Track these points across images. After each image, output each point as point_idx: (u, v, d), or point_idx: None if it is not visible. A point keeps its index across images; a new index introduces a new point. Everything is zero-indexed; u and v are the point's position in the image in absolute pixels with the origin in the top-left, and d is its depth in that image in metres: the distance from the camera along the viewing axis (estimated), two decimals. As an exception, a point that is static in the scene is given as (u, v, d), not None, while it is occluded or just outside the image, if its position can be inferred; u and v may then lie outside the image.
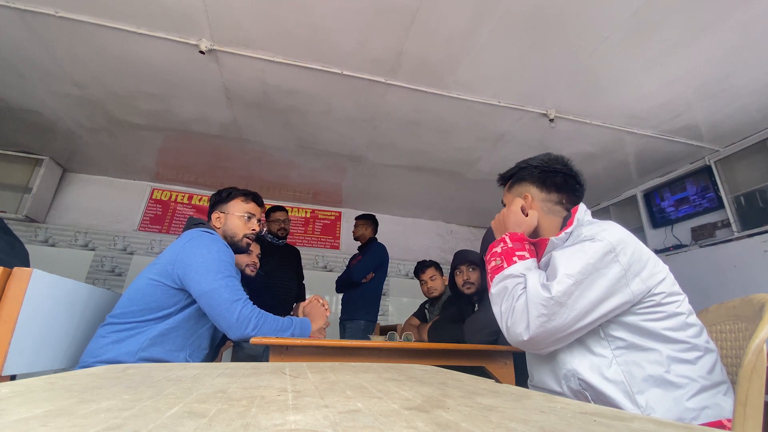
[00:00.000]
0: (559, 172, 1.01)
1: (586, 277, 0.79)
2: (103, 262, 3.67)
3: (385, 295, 4.29)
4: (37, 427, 0.26)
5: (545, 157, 1.05)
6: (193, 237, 1.28)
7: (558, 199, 1.00)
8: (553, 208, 1.00)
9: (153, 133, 3.01)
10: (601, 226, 0.86)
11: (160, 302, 1.20)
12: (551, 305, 0.78)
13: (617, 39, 1.93)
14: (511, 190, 1.09)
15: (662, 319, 0.79)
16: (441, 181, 3.69)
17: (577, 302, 0.78)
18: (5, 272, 0.94)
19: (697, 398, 0.74)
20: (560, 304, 0.78)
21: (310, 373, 0.60)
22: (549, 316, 0.79)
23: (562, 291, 0.78)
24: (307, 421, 0.30)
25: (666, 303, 0.81)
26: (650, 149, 2.95)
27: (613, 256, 0.80)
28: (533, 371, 0.98)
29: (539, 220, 1.00)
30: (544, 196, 1.01)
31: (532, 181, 1.03)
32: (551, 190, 1.01)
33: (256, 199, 1.52)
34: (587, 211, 0.97)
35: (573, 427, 0.29)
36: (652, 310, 0.80)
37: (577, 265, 0.80)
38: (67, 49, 2.13)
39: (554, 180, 1.01)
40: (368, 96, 2.44)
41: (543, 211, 1.01)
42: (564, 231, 0.91)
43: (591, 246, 0.81)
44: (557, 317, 0.78)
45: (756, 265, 2.55)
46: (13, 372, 0.92)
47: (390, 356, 1.27)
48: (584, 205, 0.98)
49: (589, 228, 0.87)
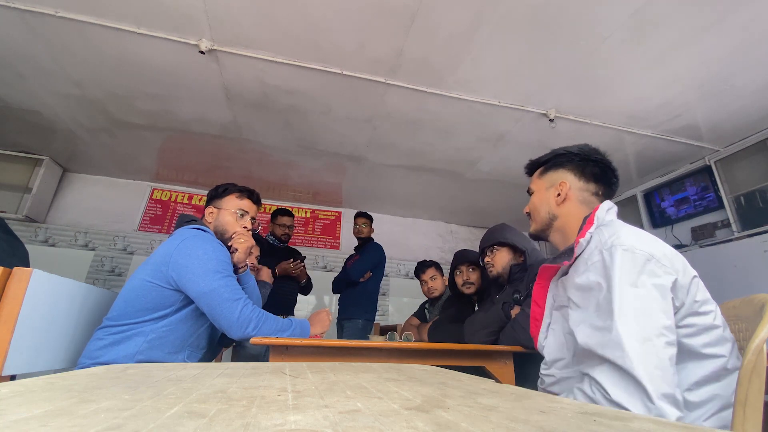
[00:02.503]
0: (599, 162, 0.97)
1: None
2: (103, 262, 3.67)
3: (385, 295, 4.29)
4: (37, 427, 0.26)
5: (584, 146, 1.00)
6: (186, 237, 1.25)
7: (595, 189, 0.96)
8: (588, 198, 0.96)
9: (153, 133, 3.01)
10: (617, 235, 0.79)
11: (156, 303, 1.19)
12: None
13: (617, 39, 1.93)
14: (544, 176, 1.03)
15: (697, 335, 0.72)
16: (441, 181, 3.69)
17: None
18: (5, 272, 0.94)
19: (714, 418, 0.70)
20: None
21: (310, 373, 0.60)
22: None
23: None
24: (307, 421, 0.30)
25: (702, 313, 0.74)
26: (650, 149, 2.95)
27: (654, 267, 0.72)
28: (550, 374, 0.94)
29: (569, 208, 0.95)
30: (582, 185, 0.96)
31: (571, 168, 0.98)
32: (589, 180, 0.96)
33: (251, 197, 1.50)
34: (610, 209, 0.91)
35: (573, 427, 0.29)
36: (688, 322, 0.73)
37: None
38: (67, 49, 2.13)
39: (593, 170, 0.96)
40: (368, 96, 2.44)
41: (578, 201, 0.96)
42: (580, 238, 0.85)
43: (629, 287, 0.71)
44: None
45: (756, 265, 2.55)
46: (13, 372, 0.92)
47: (390, 356, 1.27)
48: (610, 202, 0.93)
49: (607, 235, 0.80)
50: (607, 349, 0.68)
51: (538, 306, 1.00)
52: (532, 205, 1.05)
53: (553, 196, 0.98)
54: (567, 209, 0.96)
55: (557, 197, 0.97)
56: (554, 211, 0.98)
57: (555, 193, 0.98)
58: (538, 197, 1.03)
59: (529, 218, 1.07)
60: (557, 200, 0.97)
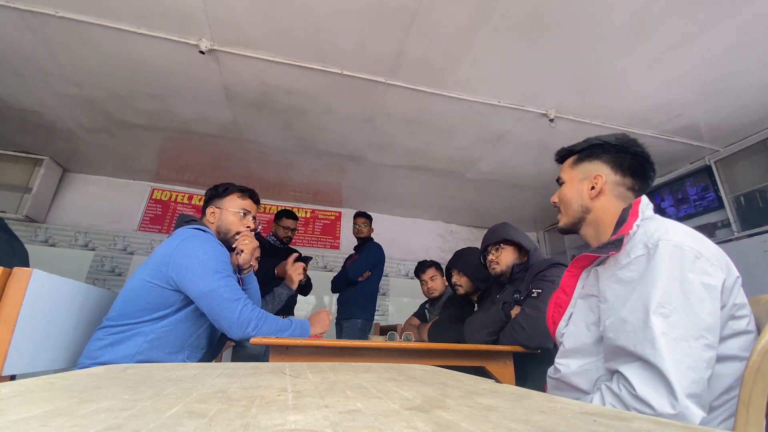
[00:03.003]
0: (638, 155, 0.90)
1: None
2: (103, 262, 3.67)
3: (385, 295, 4.29)
4: (37, 427, 0.26)
5: (622, 136, 0.94)
6: (186, 237, 1.25)
7: (632, 184, 0.90)
8: (624, 193, 0.90)
9: (153, 133, 3.01)
10: (665, 228, 0.75)
11: (155, 303, 1.18)
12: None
13: (617, 39, 1.93)
14: (577, 167, 0.97)
15: (730, 338, 0.70)
16: (441, 181, 3.69)
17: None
18: (5, 272, 0.94)
19: (730, 422, 0.68)
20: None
21: (310, 373, 0.60)
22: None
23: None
24: (307, 421, 0.30)
25: (739, 317, 0.71)
26: (650, 149, 2.90)
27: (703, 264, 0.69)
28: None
29: (604, 203, 0.90)
30: (618, 179, 0.90)
31: (607, 160, 0.92)
32: (626, 174, 0.90)
33: (252, 196, 1.50)
34: (649, 204, 0.86)
35: (573, 427, 0.29)
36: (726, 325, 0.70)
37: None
38: (67, 49, 2.13)
39: (631, 163, 0.90)
40: (368, 96, 2.44)
41: (613, 195, 0.90)
42: (620, 235, 0.81)
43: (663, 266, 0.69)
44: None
45: (756, 265, 2.55)
46: (13, 372, 0.92)
47: (390, 356, 1.27)
48: (647, 198, 0.87)
49: (651, 230, 0.77)
50: (639, 345, 0.66)
51: (565, 294, 0.95)
52: (562, 196, 0.98)
53: (587, 189, 0.93)
54: (601, 203, 0.91)
55: (591, 190, 0.92)
56: (588, 205, 0.92)
57: (589, 186, 0.92)
58: (569, 188, 0.97)
59: (557, 209, 1.01)
60: (591, 194, 0.92)
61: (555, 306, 0.98)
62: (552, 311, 0.98)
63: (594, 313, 0.83)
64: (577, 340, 0.86)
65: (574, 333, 0.88)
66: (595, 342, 0.82)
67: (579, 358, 0.85)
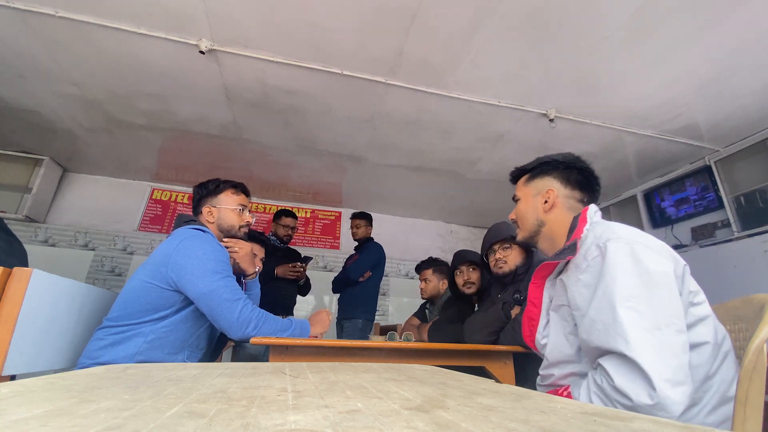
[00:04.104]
0: (583, 170, 1.00)
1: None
2: (103, 262, 3.67)
3: (385, 294, 4.29)
4: (37, 427, 0.26)
5: (568, 154, 1.03)
6: (185, 238, 1.24)
7: (580, 197, 0.99)
8: (574, 205, 0.98)
9: (153, 133, 3.01)
10: (611, 229, 0.81)
11: (155, 304, 1.18)
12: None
13: (617, 39, 1.93)
14: (530, 184, 1.05)
15: (695, 326, 0.73)
16: (441, 181, 3.69)
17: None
18: (5, 272, 0.94)
19: (717, 412, 0.70)
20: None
21: (310, 373, 0.60)
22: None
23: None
24: (307, 421, 0.30)
25: (697, 303, 0.75)
26: (650, 149, 2.95)
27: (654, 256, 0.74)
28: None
29: (557, 215, 0.98)
30: (568, 192, 0.99)
31: (556, 176, 1.01)
32: (575, 187, 0.99)
33: (245, 191, 1.52)
34: (597, 212, 0.95)
35: (573, 427, 0.29)
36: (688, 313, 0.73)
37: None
38: (67, 49, 2.13)
39: (577, 177, 0.99)
40: (368, 96, 2.44)
41: (564, 207, 0.98)
42: (572, 242, 0.87)
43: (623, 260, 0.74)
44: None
45: (756, 265, 2.55)
46: (13, 372, 0.92)
47: (390, 356, 1.27)
48: (595, 206, 0.96)
49: (600, 232, 0.82)
50: (612, 341, 0.69)
51: (535, 306, 1.00)
52: (519, 212, 1.07)
53: (540, 203, 1.00)
54: (554, 216, 0.98)
55: (544, 204, 0.99)
56: (542, 218, 1.00)
57: (542, 200, 1.00)
58: (524, 204, 1.05)
59: (516, 225, 1.09)
60: (545, 207, 0.99)
61: (528, 320, 1.02)
62: (527, 326, 1.02)
63: (569, 322, 0.86)
64: (560, 353, 0.89)
65: (555, 345, 0.90)
66: (578, 351, 0.85)
67: (564, 368, 0.88)
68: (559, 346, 0.89)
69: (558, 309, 0.91)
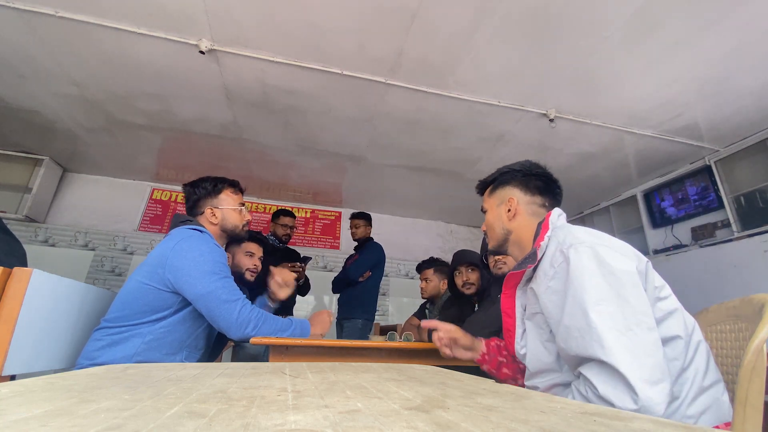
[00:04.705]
0: (541, 176, 1.03)
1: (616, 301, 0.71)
2: (103, 262, 3.67)
3: (385, 295, 4.29)
4: (37, 427, 0.26)
5: (525, 162, 1.06)
6: (182, 239, 1.23)
7: (542, 201, 1.02)
8: (537, 210, 1.01)
9: (153, 133, 3.01)
10: (573, 234, 0.82)
11: (153, 305, 1.18)
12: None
13: (617, 39, 1.93)
14: (493, 194, 1.09)
15: (664, 320, 0.75)
16: (441, 181, 3.69)
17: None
18: (5, 272, 0.94)
19: (696, 403, 0.71)
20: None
21: (310, 373, 0.60)
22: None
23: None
24: (307, 421, 0.30)
25: (663, 297, 0.77)
26: (650, 149, 2.95)
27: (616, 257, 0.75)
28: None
29: (521, 222, 1.01)
30: (529, 198, 1.02)
31: (516, 184, 1.04)
32: (534, 193, 1.02)
33: (241, 189, 1.54)
34: (561, 215, 0.97)
35: (573, 427, 0.29)
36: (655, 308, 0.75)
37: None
38: (67, 49, 2.13)
39: (536, 183, 1.02)
40: (368, 96, 2.44)
41: (527, 214, 1.01)
42: (538, 244, 0.88)
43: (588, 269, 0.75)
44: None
45: (756, 265, 2.55)
46: (13, 372, 0.92)
47: (390, 356, 1.27)
48: (560, 209, 0.99)
49: (563, 238, 0.84)
50: (589, 348, 0.69)
51: (509, 317, 1.01)
52: (487, 223, 1.09)
53: (504, 212, 1.03)
54: (519, 223, 1.01)
55: (508, 213, 1.02)
56: (507, 226, 1.02)
57: (506, 209, 1.03)
58: (491, 215, 1.08)
59: (486, 236, 1.12)
60: (508, 216, 1.02)
61: (506, 332, 1.03)
62: (506, 339, 1.04)
63: (544, 330, 0.87)
64: (539, 361, 0.89)
65: (534, 354, 0.91)
66: (557, 358, 0.85)
67: (546, 376, 0.89)
68: (538, 354, 0.89)
69: (532, 317, 0.91)
